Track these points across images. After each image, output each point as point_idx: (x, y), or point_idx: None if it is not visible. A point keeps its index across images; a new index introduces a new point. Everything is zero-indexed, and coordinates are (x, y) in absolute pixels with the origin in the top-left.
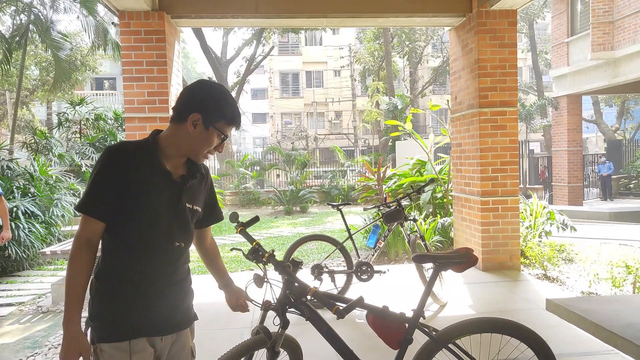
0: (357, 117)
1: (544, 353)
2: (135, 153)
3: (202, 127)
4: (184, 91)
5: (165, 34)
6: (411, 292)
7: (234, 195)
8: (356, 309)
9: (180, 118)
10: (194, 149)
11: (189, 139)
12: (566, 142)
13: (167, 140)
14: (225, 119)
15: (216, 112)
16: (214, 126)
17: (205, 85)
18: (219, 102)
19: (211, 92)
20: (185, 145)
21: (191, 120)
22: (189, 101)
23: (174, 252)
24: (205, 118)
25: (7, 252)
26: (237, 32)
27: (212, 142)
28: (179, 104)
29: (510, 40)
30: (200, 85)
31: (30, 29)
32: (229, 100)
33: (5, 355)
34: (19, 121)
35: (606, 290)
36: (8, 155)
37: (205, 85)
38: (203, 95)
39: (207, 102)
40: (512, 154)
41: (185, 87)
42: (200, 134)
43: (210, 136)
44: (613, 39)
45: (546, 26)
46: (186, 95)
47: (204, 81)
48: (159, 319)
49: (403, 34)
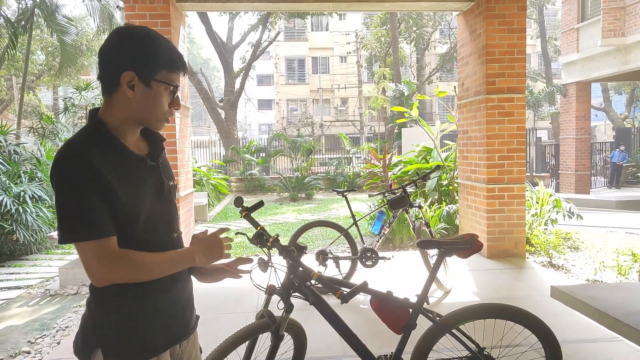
0: (363, 103)
1: (547, 339)
2: (95, 147)
3: (142, 87)
4: (103, 51)
5: (171, 18)
6: (415, 279)
7: (239, 181)
8: (360, 294)
9: (112, 85)
10: (145, 115)
11: (134, 105)
12: (574, 130)
13: (112, 117)
14: (164, 66)
15: (150, 62)
16: (156, 79)
17: (125, 36)
18: (149, 49)
19: (135, 41)
20: (133, 114)
21: (124, 82)
22: (112, 61)
23: (175, 245)
24: (141, 74)
25: (15, 235)
26: (242, 17)
27: (162, 100)
28: (103, 69)
29: (519, 26)
30: (117, 37)
31: (35, 13)
32: (160, 40)
33: (14, 337)
34: (25, 106)
35: (612, 278)
36: (15, 140)
37: (124, 36)
38: (127, 48)
39: (133, 53)
40: (519, 141)
41: (101, 46)
42: (143, 95)
43: (157, 94)
44: (624, 24)
45: (556, 12)
46: (106, 54)
47: (121, 30)
48: (182, 325)
49: (410, 20)
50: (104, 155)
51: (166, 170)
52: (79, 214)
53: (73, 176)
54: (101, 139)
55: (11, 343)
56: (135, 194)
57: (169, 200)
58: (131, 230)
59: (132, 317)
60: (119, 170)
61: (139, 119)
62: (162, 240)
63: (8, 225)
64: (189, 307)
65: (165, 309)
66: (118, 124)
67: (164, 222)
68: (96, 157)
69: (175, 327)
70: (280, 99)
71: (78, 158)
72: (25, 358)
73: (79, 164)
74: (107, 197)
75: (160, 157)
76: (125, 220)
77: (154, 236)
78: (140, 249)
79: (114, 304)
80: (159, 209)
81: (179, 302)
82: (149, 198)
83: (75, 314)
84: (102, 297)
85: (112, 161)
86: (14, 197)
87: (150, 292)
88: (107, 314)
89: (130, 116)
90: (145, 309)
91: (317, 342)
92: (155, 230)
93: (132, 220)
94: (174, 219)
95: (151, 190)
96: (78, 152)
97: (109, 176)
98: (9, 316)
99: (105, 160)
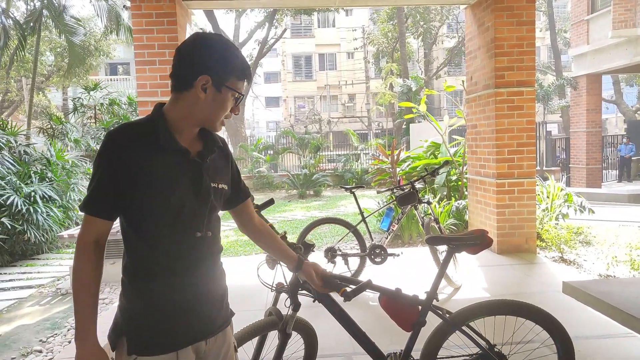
0: (371, 99)
1: (559, 336)
2: (140, 134)
3: (214, 90)
4: (181, 53)
5: (177, 16)
6: (425, 275)
7: (247, 179)
8: (369, 292)
9: (185, 85)
10: (209, 116)
11: (201, 106)
12: (585, 123)
13: (176, 113)
14: (236, 74)
15: (225, 69)
16: (226, 86)
17: (204, 41)
18: (224, 57)
19: (213, 47)
20: (198, 114)
21: (199, 84)
22: (191, 63)
23: (204, 245)
24: (215, 79)
25: (27, 235)
26: (249, 15)
27: (227, 104)
28: (179, 69)
29: (528, 18)
30: (198, 41)
31: (43, 14)
32: (234, 51)
33: (26, 335)
34: (35, 107)
35: (624, 273)
36: (25, 140)
37: (203, 41)
38: (205, 53)
39: (211, 59)
40: (528, 135)
41: (179, 47)
42: (213, 98)
43: (225, 98)
44: (635, 15)
45: (566, 3)
46: (185, 56)
47: (200, 36)
48: (206, 322)
49: (417, 14)
50: (147, 142)
51: (213, 170)
52: (91, 188)
53: (101, 156)
54: (151, 128)
55: (23, 342)
56: (167, 179)
57: (204, 199)
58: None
59: (152, 310)
60: (157, 158)
61: (201, 118)
62: (184, 237)
63: (19, 226)
64: (215, 304)
65: (186, 306)
66: (178, 119)
67: (193, 217)
68: (135, 144)
69: (198, 324)
70: (288, 96)
71: (114, 142)
72: (37, 357)
73: (110, 148)
74: (126, 184)
75: (210, 158)
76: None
77: (178, 232)
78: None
79: (138, 296)
80: (193, 205)
81: (204, 300)
82: (182, 188)
83: None
84: (131, 293)
85: (153, 148)
86: (24, 197)
87: (171, 287)
88: (135, 308)
89: (195, 115)
90: (165, 304)
91: (326, 340)
92: (180, 224)
93: (159, 204)
94: (203, 219)
95: (187, 183)
96: (118, 136)
97: (143, 162)
98: (21, 315)
99: (146, 147)
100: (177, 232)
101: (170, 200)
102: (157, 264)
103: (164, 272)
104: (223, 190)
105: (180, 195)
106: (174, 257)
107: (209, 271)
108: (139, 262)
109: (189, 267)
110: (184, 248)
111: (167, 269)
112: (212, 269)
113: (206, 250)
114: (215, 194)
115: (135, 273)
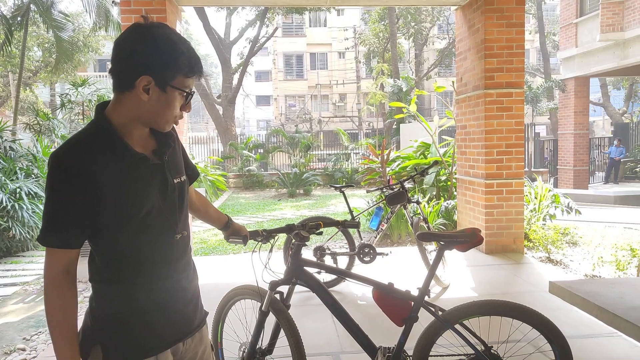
0: (362, 99)
1: (557, 340)
2: (91, 150)
3: (158, 91)
4: (119, 48)
5: (167, 13)
6: (414, 274)
7: (237, 177)
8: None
9: (126, 85)
10: (155, 119)
11: (146, 108)
12: (573, 125)
13: (121, 116)
14: (182, 72)
15: (169, 67)
16: (171, 85)
17: (145, 35)
18: (168, 54)
19: (155, 42)
20: (143, 116)
21: (141, 85)
22: (130, 61)
23: (180, 245)
24: (158, 79)
25: (12, 232)
26: (240, 13)
27: (174, 104)
28: (118, 67)
29: (517, 20)
30: (138, 36)
31: (31, 9)
32: (180, 45)
33: (10, 333)
34: (22, 103)
35: (610, 273)
36: (11, 136)
37: (144, 35)
38: (146, 50)
39: (153, 57)
40: (517, 136)
41: (117, 41)
42: (158, 99)
43: (171, 98)
44: (623, 19)
45: (554, 7)
46: (123, 53)
47: (140, 28)
48: (183, 323)
49: (409, 15)
50: (103, 157)
51: (173, 166)
52: (50, 221)
53: (56, 180)
54: (103, 140)
55: (6, 340)
56: (135, 194)
57: (172, 200)
58: (129, 229)
59: (131, 315)
60: (119, 172)
61: (148, 121)
62: (163, 242)
63: (4, 222)
64: (191, 305)
65: (164, 308)
66: (124, 123)
67: (166, 223)
68: (92, 159)
69: (176, 325)
70: (279, 95)
71: (69, 161)
72: (20, 355)
73: (66, 169)
74: (87, 206)
75: (167, 154)
76: (122, 220)
77: (152, 236)
78: (134, 249)
79: (113, 301)
80: (162, 209)
81: (180, 300)
82: (152, 197)
83: None
84: (101, 294)
85: (112, 163)
86: (9, 193)
87: (148, 290)
88: (109, 311)
89: (140, 117)
90: (143, 307)
91: (315, 339)
92: (156, 231)
93: (128, 219)
94: (178, 220)
95: (154, 190)
96: (71, 154)
97: (105, 179)
98: (5, 313)
99: (104, 162)
100: (155, 238)
101: (142, 211)
102: (133, 267)
103: (141, 275)
104: (185, 182)
105: (153, 204)
106: (150, 260)
107: (185, 271)
108: (113, 265)
109: (166, 268)
110: (161, 250)
111: (144, 272)
112: (187, 268)
113: (182, 250)
114: (179, 189)
115: (109, 276)
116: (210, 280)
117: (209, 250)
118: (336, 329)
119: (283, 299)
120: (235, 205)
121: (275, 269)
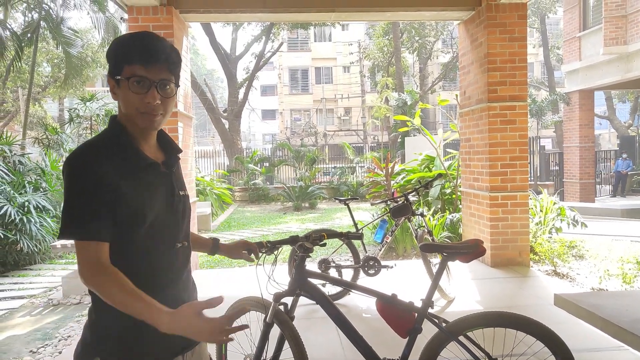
0: (367, 113)
1: (562, 353)
2: (108, 152)
3: (118, 88)
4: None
5: (174, 29)
6: (419, 287)
7: (243, 191)
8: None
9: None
10: (128, 116)
11: (121, 107)
12: (578, 138)
13: (123, 120)
14: (126, 62)
15: (117, 62)
16: (121, 77)
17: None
18: (115, 51)
19: (110, 48)
20: (125, 116)
21: (111, 88)
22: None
23: (183, 255)
24: (113, 77)
25: (19, 245)
26: (246, 28)
27: (130, 95)
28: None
29: (520, 34)
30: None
31: (41, 26)
32: (126, 40)
33: (17, 346)
34: (31, 117)
35: (616, 286)
36: (20, 150)
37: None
38: (107, 58)
39: (108, 60)
40: (521, 149)
41: None
42: (121, 95)
43: (124, 90)
44: (626, 33)
45: (558, 21)
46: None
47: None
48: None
49: (413, 30)
50: (116, 159)
51: (178, 179)
52: (75, 213)
53: (78, 177)
54: (117, 144)
55: (13, 353)
56: (144, 198)
57: (177, 210)
58: (135, 234)
59: (132, 328)
60: (131, 175)
61: (129, 120)
62: (164, 250)
63: (12, 235)
64: None
65: None
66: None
67: (168, 230)
68: (105, 161)
69: (176, 338)
70: (284, 109)
71: (86, 162)
72: None
73: (85, 168)
74: (109, 202)
75: (175, 167)
76: (130, 224)
77: (157, 244)
78: (141, 255)
79: (114, 314)
80: (166, 217)
81: None
82: (159, 204)
83: (77, 323)
84: (102, 307)
85: (124, 166)
86: (18, 207)
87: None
88: (108, 323)
89: (126, 117)
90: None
91: (319, 351)
92: (158, 238)
93: (137, 224)
94: (180, 230)
95: (162, 198)
96: (87, 155)
97: (118, 180)
98: (12, 326)
99: (117, 165)
100: (156, 246)
101: (149, 217)
102: (136, 277)
103: (143, 285)
104: (188, 197)
105: (159, 211)
106: (153, 270)
107: (186, 281)
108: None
109: (169, 278)
110: (164, 260)
111: (147, 282)
112: (188, 278)
113: (183, 260)
114: (184, 202)
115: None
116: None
117: (215, 263)
118: (340, 341)
119: (287, 310)
120: (241, 218)
121: (279, 281)
